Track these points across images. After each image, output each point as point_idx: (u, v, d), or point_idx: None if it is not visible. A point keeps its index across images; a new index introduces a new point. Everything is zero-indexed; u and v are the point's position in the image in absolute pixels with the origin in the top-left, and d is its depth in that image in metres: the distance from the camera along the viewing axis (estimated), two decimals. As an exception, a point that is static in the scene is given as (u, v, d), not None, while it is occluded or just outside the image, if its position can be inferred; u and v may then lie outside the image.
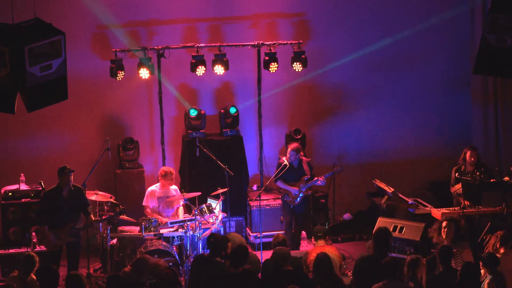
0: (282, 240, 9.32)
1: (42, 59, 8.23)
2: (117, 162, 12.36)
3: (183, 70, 12.42)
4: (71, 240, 10.17)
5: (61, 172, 10.17)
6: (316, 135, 13.42)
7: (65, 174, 10.13)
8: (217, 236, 9.51)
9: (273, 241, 9.39)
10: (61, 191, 10.20)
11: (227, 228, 11.92)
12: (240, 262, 8.43)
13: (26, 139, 12.43)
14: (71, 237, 10.15)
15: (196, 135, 12.09)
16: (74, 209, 10.25)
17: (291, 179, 11.44)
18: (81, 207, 10.33)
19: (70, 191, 10.20)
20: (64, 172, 10.14)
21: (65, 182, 10.15)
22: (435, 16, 13.39)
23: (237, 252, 8.58)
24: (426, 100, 13.63)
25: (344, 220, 13.06)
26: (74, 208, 10.25)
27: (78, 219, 10.36)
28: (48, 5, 11.49)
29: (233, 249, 8.77)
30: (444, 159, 13.14)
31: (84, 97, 12.41)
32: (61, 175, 10.16)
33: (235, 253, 8.58)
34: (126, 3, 12.56)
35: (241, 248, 8.66)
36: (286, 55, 12.44)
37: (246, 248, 8.72)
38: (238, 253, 8.56)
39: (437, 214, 10.79)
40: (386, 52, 13.34)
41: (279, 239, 9.34)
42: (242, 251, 8.58)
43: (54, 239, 10.06)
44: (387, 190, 11.44)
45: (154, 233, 10.57)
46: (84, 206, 10.36)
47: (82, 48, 12.30)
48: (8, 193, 11.48)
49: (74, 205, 10.23)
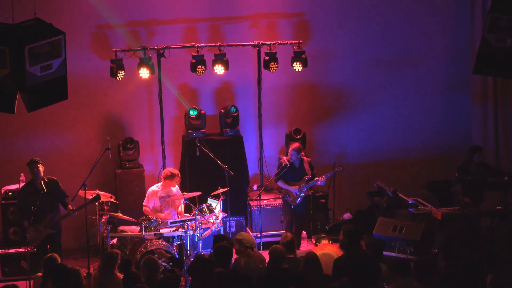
0: (291, 240, 9.30)
1: (42, 59, 8.24)
2: (117, 162, 12.36)
3: (183, 70, 12.42)
4: (51, 232, 10.25)
5: (29, 164, 10.34)
6: (316, 135, 13.41)
7: (31, 165, 10.29)
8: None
9: (282, 240, 9.36)
10: (34, 185, 10.31)
11: (227, 228, 11.92)
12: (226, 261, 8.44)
13: (26, 139, 12.43)
14: (51, 229, 10.24)
15: (196, 135, 12.10)
16: (51, 201, 10.34)
17: (292, 179, 11.45)
18: (58, 199, 10.43)
19: (44, 183, 10.30)
20: (31, 163, 10.30)
21: (34, 174, 10.28)
22: (435, 16, 13.40)
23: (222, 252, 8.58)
24: (426, 100, 13.62)
25: (344, 220, 13.05)
26: (51, 200, 10.34)
27: (57, 211, 10.45)
28: (48, 5, 11.49)
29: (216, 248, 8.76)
30: (444, 159, 13.15)
31: (84, 97, 12.40)
32: (29, 167, 10.34)
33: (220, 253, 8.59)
34: (126, 3, 12.56)
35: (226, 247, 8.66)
36: (286, 55, 12.44)
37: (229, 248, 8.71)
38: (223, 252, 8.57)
39: (437, 214, 10.80)
40: (386, 52, 13.34)
41: (288, 238, 9.31)
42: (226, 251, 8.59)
43: (34, 233, 10.12)
44: (387, 190, 11.44)
45: (154, 232, 10.58)
46: (61, 198, 10.46)
47: (82, 48, 12.29)
48: (8, 193, 11.51)
49: (50, 197, 10.31)
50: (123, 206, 11.76)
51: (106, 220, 10.82)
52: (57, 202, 10.48)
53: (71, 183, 11.27)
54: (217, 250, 8.70)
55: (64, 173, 12.28)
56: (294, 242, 9.25)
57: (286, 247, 8.96)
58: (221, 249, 8.66)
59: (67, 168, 12.37)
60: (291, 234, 9.60)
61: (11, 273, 11.06)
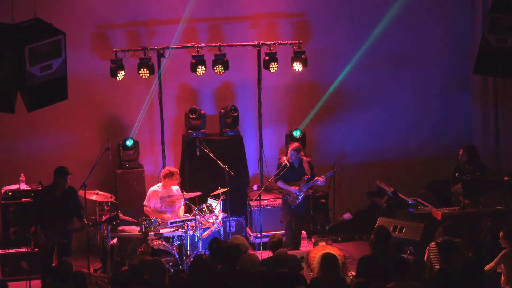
0: (277, 240, 9.25)
1: (42, 59, 8.25)
2: (117, 162, 12.35)
3: (183, 70, 12.42)
4: (62, 241, 10.03)
5: (60, 174, 10.14)
6: (316, 135, 13.41)
7: (63, 176, 10.10)
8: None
9: (269, 241, 9.31)
10: (54, 191, 10.16)
11: (227, 228, 11.92)
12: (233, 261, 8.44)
13: (26, 139, 12.43)
14: (62, 238, 10.04)
15: (196, 135, 12.10)
16: (66, 210, 10.17)
17: (292, 179, 11.45)
18: (74, 210, 10.26)
19: (64, 192, 10.16)
20: (63, 174, 10.10)
21: (62, 184, 10.13)
22: (435, 16, 13.39)
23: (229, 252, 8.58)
24: (426, 100, 13.62)
25: (344, 220, 13.05)
26: (66, 210, 10.17)
27: (71, 222, 10.27)
28: (48, 5, 11.49)
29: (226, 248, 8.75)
30: (444, 159, 13.13)
31: (84, 97, 12.41)
32: (59, 177, 10.14)
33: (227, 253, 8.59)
34: (126, 3, 12.56)
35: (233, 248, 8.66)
36: (286, 55, 12.44)
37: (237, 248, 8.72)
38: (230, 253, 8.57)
39: (437, 214, 10.80)
40: (386, 52, 13.34)
41: (274, 239, 9.27)
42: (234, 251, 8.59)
43: (44, 238, 9.98)
44: (387, 190, 11.44)
45: (155, 233, 10.58)
46: (77, 209, 10.30)
47: (82, 48, 12.29)
48: (8, 193, 11.50)
49: (66, 207, 10.15)
50: (123, 206, 11.75)
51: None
52: (72, 214, 10.27)
53: (71, 183, 11.26)
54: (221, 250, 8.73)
55: (64, 173, 12.31)
56: (282, 243, 9.23)
57: (276, 248, 8.98)
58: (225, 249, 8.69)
59: (67, 168, 12.36)
60: (279, 235, 9.42)
61: (11, 273, 11.05)
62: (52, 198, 10.12)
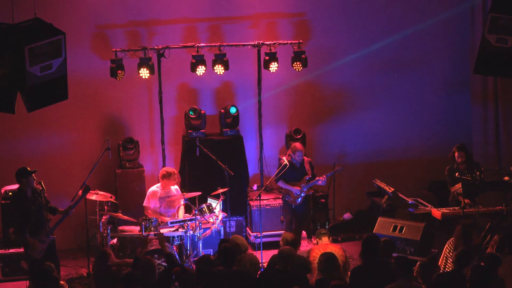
0: (291, 240, 9.30)
1: (42, 59, 8.25)
2: (117, 162, 12.35)
3: (183, 70, 12.42)
4: (52, 238, 10.03)
5: (25, 174, 9.80)
6: (316, 135, 13.42)
7: (25, 175, 9.79)
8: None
9: (282, 240, 9.39)
10: (25, 193, 9.87)
11: (227, 228, 11.92)
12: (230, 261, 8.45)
13: (27, 139, 12.43)
14: (51, 235, 9.98)
15: (196, 135, 12.10)
16: (42, 208, 10.00)
17: (292, 179, 11.45)
18: (45, 206, 10.03)
19: (32, 190, 9.92)
20: (28, 173, 9.80)
21: (28, 184, 9.81)
22: (435, 16, 13.39)
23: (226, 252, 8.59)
24: (426, 100, 13.63)
25: (344, 220, 13.06)
26: (42, 207, 10.00)
27: (48, 217, 10.12)
28: (48, 5, 11.51)
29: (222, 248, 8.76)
30: (444, 159, 13.08)
31: (84, 97, 12.41)
32: (26, 177, 9.79)
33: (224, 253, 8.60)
34: (126, 3, 12.56)
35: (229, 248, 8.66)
36: (286, 55, 12.45)
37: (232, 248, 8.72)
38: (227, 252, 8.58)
39: (437, 214, 10.80)
40: (386, 52, 13.34)
41: (288, 239, 9.33)
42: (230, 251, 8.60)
43: (39, 243, 9.76)
44: (387, 190, 11.44)
45: (154, 232, 10.58)
46: (47, 205, 10.07)
47: (82, 48, 12.29)
48: (8, 193, 11.49)
49: (40, 204, 9.98)
50: (123, 206, 11.76)
51: (106, 220, 10.82)
52: (45, 210, 10.05)
53: (71, 183, 11.28)
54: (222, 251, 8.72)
55: (64, 173, 12.34)
56: (295, 242, 9.30)
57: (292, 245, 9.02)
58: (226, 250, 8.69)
59: (67, 168, 12.39)
60: (292, 235, 9.57)
61: (11, 273, 11.05)
62: (25, 199, 9.83)
